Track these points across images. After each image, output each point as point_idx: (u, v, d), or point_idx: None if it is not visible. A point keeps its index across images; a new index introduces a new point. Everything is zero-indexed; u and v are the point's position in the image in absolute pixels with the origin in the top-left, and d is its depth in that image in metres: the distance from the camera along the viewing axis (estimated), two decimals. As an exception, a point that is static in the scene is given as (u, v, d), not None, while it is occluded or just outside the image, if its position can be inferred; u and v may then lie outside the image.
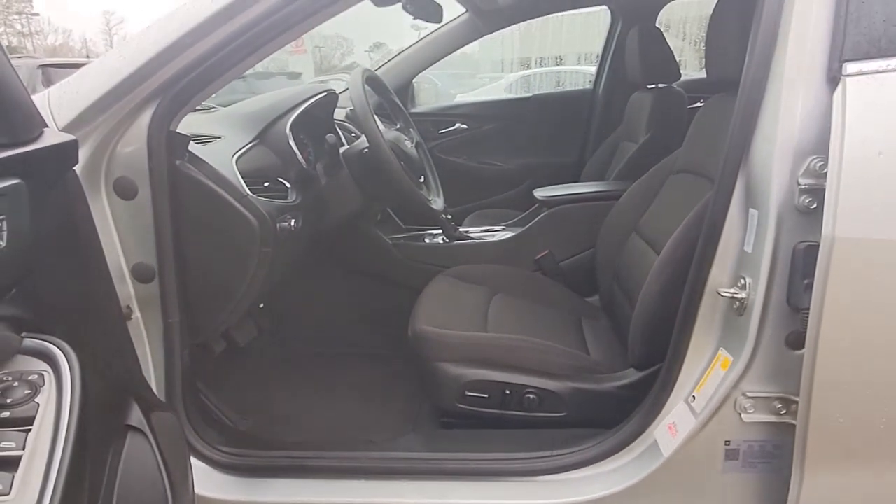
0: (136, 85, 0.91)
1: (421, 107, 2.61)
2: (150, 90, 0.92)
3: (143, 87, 0.92)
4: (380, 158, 1.19)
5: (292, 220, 1.12)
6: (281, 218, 1.09)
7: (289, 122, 1.23)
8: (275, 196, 1.13)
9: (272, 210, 1.06)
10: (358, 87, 1.22)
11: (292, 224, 1.12)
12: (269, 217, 1.02)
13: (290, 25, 0.95)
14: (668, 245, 1.08)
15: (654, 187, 1.47)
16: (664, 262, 1.07)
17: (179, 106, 0.96)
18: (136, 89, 0.91)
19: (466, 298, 1.45)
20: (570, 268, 1.70)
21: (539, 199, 1.71)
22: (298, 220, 1.16)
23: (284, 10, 0.93)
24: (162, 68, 0.92)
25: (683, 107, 1.87)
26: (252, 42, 0.94)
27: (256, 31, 0.93)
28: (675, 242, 1.07)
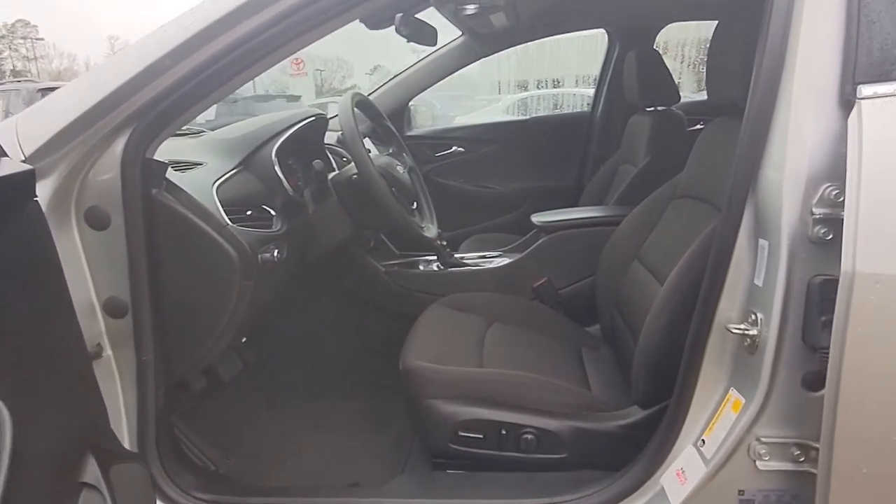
0: (108, 110, 0.86)
1: (417, 130, 2.58)
2: (123, 116, 0.88)
3: (117, 112, 0.87)
4: (369, 185, 1.14)
5: (275, 250, 1.06)
6: (263, 249, 1.03)
7: (274, 147, 1.18)
8: (258, 225, 1.08)
9: (254, 241, 1.00)
10: (347, 112, 1.17)
11: (275, 255, 1.06)
12: (249, 248, 0.97)
13: (272, 49, 0.91)
14: (673, 276, 1.03)
15: (655, 213, 1.42)
16: (669, 295, 1.02)
17: (156, 132, 0.91)
18: (109, 115, 0.87)
19: (462, 329, 1.39)
20: (569, 296, 1.64)
21: (537, 224, 1.66)
22: (283, 251, 1.10)
23: (267, 34, 0.88)
24: (137, 93, 0.87)
25: (683, 130, 1.83)
26: (233, 65, 0.90)
27: (238, 55, 0.89)
28: (679, 273, 1.01)
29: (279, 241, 1.10)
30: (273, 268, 1.05)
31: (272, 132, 1.21)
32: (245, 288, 0.97)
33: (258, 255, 1.00)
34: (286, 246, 1.12)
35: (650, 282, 1.28)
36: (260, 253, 1.01)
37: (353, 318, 1.70)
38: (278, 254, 1.06)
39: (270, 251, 1.05)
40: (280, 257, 1.07)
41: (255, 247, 1.00)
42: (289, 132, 1.24)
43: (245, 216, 1.06)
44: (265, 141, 1.18)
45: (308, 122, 1.32)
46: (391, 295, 1.65)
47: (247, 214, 1.06)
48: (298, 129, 1.28)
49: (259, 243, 1.02)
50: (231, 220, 0.99)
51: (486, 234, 2.34)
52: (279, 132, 1.22)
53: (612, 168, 2.17)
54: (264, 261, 1.01)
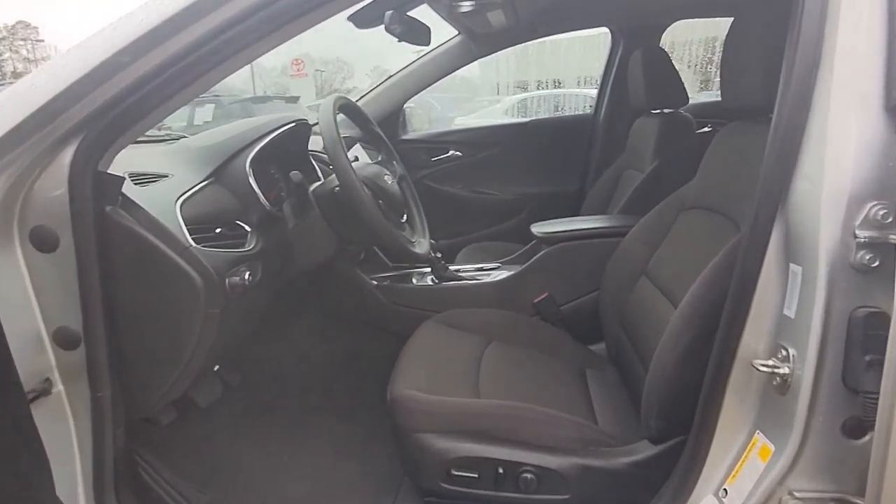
0: (52, 117, 0.76)
1: (412, 133, 2.48)
2: (71, 123, 0.78)
3: (63, 119, 0.77)
4: (352, 198, 1.04)
5: (247, 272, 0.96)
6: (232, 272, 0.93)
7: (249, 157, 1.08)
8: (229, 244, 0.98)
9: (221, 263, 0.90)
10: (328, 118, 1.07)
11: (246, 278, 0.96)
12: (215, 272, 0.86)
13: (240, 48, 0.81)
14: (688, 300, 0.92)
15: (664, 224, 1.31)
16: (683, 323, 0.91)
17: (109, 141, 0.81)
18: (54, 122, 0.77)
19: (456, 349, 1.29)
20: (571, 312, 1.54)
21: (537, 235, 1.56)
22: (256, 272, 1.00)
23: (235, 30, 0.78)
24: (86, 97, 0.77)
25: (692, 134, 1.73)
26: (196, 66, 0.80)
27: (201, 54, 0.79)
28: (695, 297, 0.91)
29: (252, 261, 1.00)
30: (244, 292, 0.95)
31: (247, 140, 1.10)
32: (211, 316, 0.87)
33: (225, 279, 0.90)
34: (260, 266, 1.02)
35: (659, 301, 1.18)
36: (228, 276, 0.91)
37: (341, 336, 1.60)
38: (250, 276, 0.96)
39: (240, 274, 0.95)
40: (252, 280, 0.97)
41: (223, 270, 0.90)
42: (265, 140, 1.13)
43: (214, 234, 0.95)
44: (239, 150, 1.08)
45: (288, 129, 1.21)
46: (382, 311, 1.55)
47: (216, 232, 0.95)
48: (277, 137, 1.17)
49: (227, 266, 0.92)
50: (196, 240, 0.89)
51: (484, 242, 2.24)
52: (255, 140, 1.11)
53: (616, 174, 2.07)
54: (233, 285, 0.91)
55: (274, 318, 1.44)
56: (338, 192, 1.14)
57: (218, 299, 0.87)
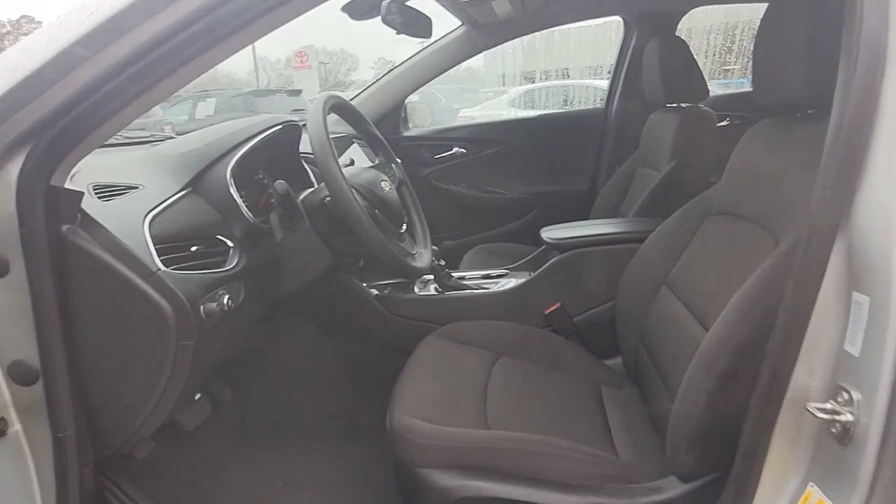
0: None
1: (415, 130, 2.37)
2: (16, 132, 0.68)
3: (6, 127, 0.67)
4: (343, 211, 0.93)
5: (226, 296, 0.86)
6: (209, 297, 0.83)
7: (230, 164, 0.97)
8: (207, 264, 0.87)
9: (195, 287, 0.80)
10: (317, 120, 0.96)
11: (226, 302, 0.85)
12: (187, 299, 0.76)
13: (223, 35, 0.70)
14: (722, 323, 0.82)
15: (687, 231, 1.21)
16: (717, 349, 0.80)
17: (62, 152, 0.71)
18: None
19: (462, 368, 1.19)
20: (585, 324, 1.44)
21: (547, 241, 1.45)
22: (238, 294, 0.90)
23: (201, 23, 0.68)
24: (32, 101, 0.67)
25: (713, 130, 1.61)
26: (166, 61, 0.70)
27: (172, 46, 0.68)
28: (731, 321, 0.80)
29: (234, 282, 0.90)
30: (223, 318, 0.85)
31: (228, 145, 1.00)
32: (184, 348, 0.77)
33: (200, 305, 0.80)
34: (243, 287, 0.92)
35: (684, 316, 1.08)
36: (203, 303, 0.81)
37: (338, 349, 1.50)
38: (230, 301, 0.86)
39: (218, 299, 0.84)
40: (233, 304, 0.86)
41: (197, 295, 0.79)
42: (249, 144, 1.02)
43: (189, 254, 0.85)
44: (219, 156, 0.98)
45: (274, 132, 1.11)
46: (382, 323, 1.45)
47: (191, 251, 0.85)
48: (264, 140, 1.07)
49: (202, 290, 0.81)
50: (168, 261, 0.79)
51: (490, 244, 2.13)
52: (237, 145, 1.01)
53: (629, 172, 1.96)
54: (209, 312, 0.81)
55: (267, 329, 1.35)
56: (329, 203, 1.04)
57: (191, 329, 0.77)
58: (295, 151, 1.23)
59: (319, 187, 1.10)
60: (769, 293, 0.75)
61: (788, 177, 0.92)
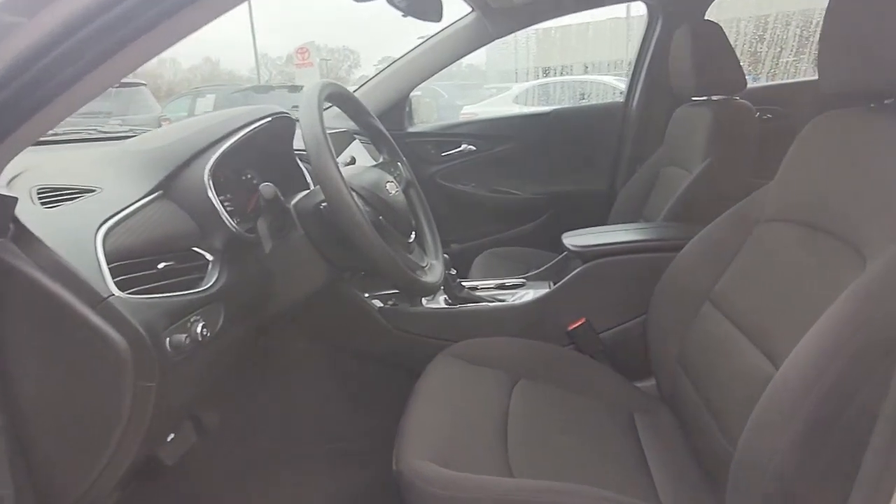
0: None
1: (420, 126, 2.22)
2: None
3: None
4: (343, 219, 0.79)
5: (199, 323, 0.71)
6: (177, 326, 0.68)
7: (209, 162, 0.82)
8: (178, 283, 0.72)
9: (159, 316, 0.65)
10: (311, 109, 0.81)
11: (199, 331, 0.70)
12: (147, 331, 0.62)
13: None
14: (802, 362, 0.67)
15: (733, 240, 1.06)
16: (799, 391, 0.66)
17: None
18: None
19: (479, 394, 1.06)
20: (612, 341, 1.29)
21: (570, 248, 1.30)
22: (216, 318, 0.75)
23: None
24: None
25: (753, 125, 1.46)
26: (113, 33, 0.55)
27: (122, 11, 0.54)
28: (814, 359, 0.65)
29: (211, 304, 0.75)
30: (195, 350, 0.70)
31: (207, 141, 0.84)
32: (144, 391, 0.62)
33: (164, 338, 0.65)
34: (223, 309, 0.77)
35: (735, 338, 0.93)
36: (170, 333, 0.66)
37: (339, 368, 1.35)
38: (205, 329, 0.71)
39: (189, 327, 0.69)
40: (208, 332, 0.71)
41: (160, 325, 0.65)
42: (231, 141, 0.87)
43: (156, 272, 0.70)
44: (196, 153, 0.82)
45: (263, 125, 0.95)
46: (387, 339, 1.30)
47: (158, 269, 0.70)
48: (250, 135, 0.91)
49: (169, 317, 0.66)
50: (126, 283, 0.64)
51: (501, 248, 1.99)
52: (217, 141, 0.85)
53: (653, 171, 1.81)
54: (177, 345, 0.66)
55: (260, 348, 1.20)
56: (325, 209, 0.89)
57: (152, 368, 0.63)
58: (288, 148, 1.08)
59: (314, 190, 0.95)
60: (863, 326, 0.60)
61: (872, 179, 0.78)
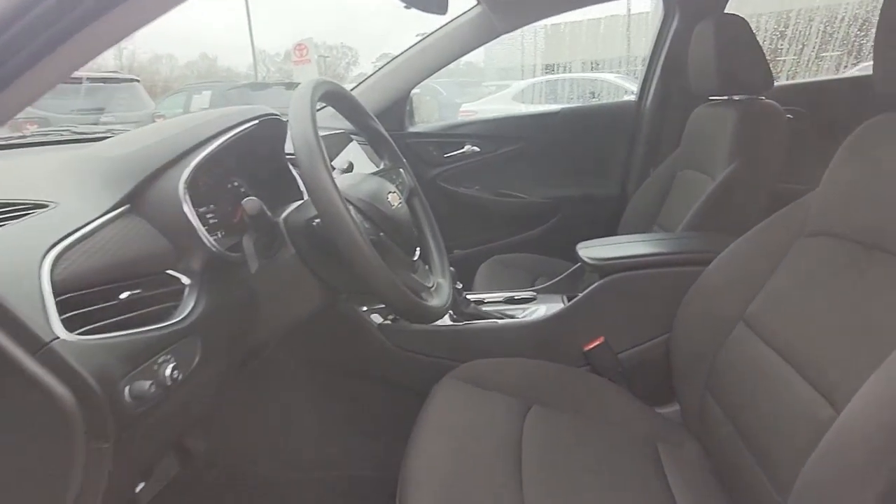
0: None
1: (422, 125, 2.11)
2: None
3: None
4: (336, 235, 0.68)
5: (169, 365, 0.60)
6: (141, 371, 0.57)
7: (185, 172, 0.71)
8: (146, 316, 0.61)
9: (117, 360, 0.54)
10: (303, 111, 0.70)
11: (170, 374, 0.59)
12: (99, 382, 0.51)
13: None
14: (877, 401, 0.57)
15: (770, 254, 0.96)
16: (881, 443, 0.56)
17: None
18: None
19: (489, 423, 0.96)
20: (633, 363, 1.19)
21: (587, 261, 1.19)
22: (192, 355, 0.65)
23: None
24: None
25: (782, 127, 1.36)
26: None
27: None
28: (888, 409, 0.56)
29: (186, 339, 0.64)
30: (163, 398, 0.59)
31: (183, 147, 0.73)
32: (98, 453, 0.52)
33: (123, 387, 0.54)
34: (200, 343, 0.66)
35: (776, 366, 0.84)
36: (130, 381, 0.55)
37: (335, 390, 1.25)
38: (176, 370, 0.60)
39: (156, 372, 0.58)
40: (180, 374, 0.61)
41: (120, 371, 0.54)
42: (211, 147, 0.76)
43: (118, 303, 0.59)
44: (170, 161, 0.71)
45: (249, 129, 0.84)
46: (387, 359, 1.20)
47: (120, 299, 0.60)
48: (235, 140, 0.81)
49: (130, 361, 0.56)
50: (78, 321, 0.54)
51: (506, 255, 1.89)
52: (195, 147, 0.74)
53: (668, 174, 1.71)
54: (139, 395, 0.55)
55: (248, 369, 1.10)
56: (317, 225, 0.79)
57: (106, 425, 0.52)
58: (279, 153, 0.98)
59: (306, 202, 0.84)
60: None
61: None
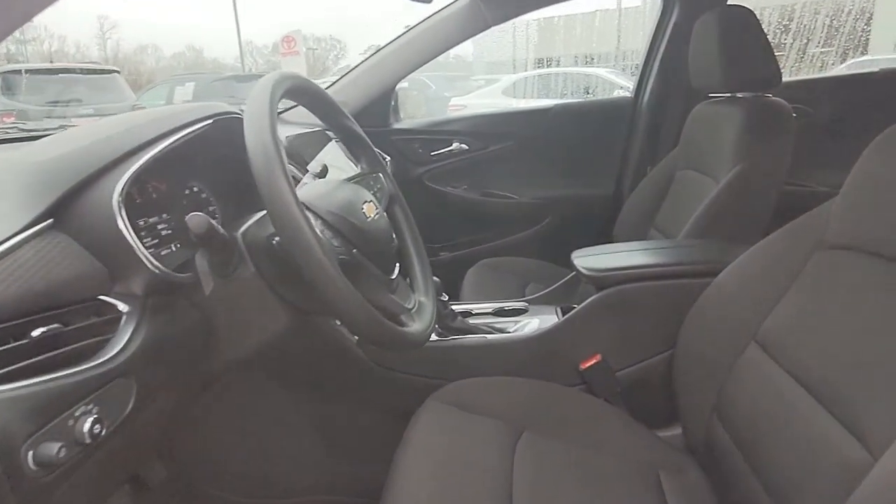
0: None
1: (407, 122, 2.01)
2: None
3: None
4: (299, 261, 0.58)
5: (90, 418, 0.49)
6: (49, 430, 0.46)
7: (121, 181, 0.60)
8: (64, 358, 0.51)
9: (17, 419, 0.42)
10: (260, 111, 0.60)
11: (89, 429, 0.49)
12: None
13: None
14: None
15: (785, 268, 0.88)
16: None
17: None
18: None
19: (477, 453, 0.88)
20: (632, 382, 1.10)
21: (584, 273, 1.10)
22: (125, 400, 0.54)
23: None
24: None
25: (790, 127, 1.27)
26: None
27: None
28: None
29: (115, 382, 0.54)
30: (81, 461, 0.49)
31: (122, 149, 0.62)
32: None
33: (27, 452, 0.44)
34: (134, 385, 0.56)
35: (795, 394, 0.76)
36: (34, 445, 0.45)
37: (310, 413, 1.15)
38: (98, 424, 0.49)
39: (70, 429, 0.47)
40: (103, 430, 0.50)
41: (22, 431, 0.43)
42: (154, 150, 0.65)
43: (28, 343, 0.49)
44: (103, 167, 0.61)
45: (201, 130, 0.73)
46: (366, 378, 1.10)
47: (32, 337, 0.49)
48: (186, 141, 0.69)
49: (35, 418, 0.45)
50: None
51: (495, 258, 1.80)
52: (135, 150, 0.64)
53: (666, 175, 1.63)
54: (45, 462, 0.44)
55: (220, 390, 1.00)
56: (277, 244, 0.68)
57: (7, 501, 0.42)
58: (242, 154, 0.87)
59: (264, 218, 0.74)
60: None
61: None
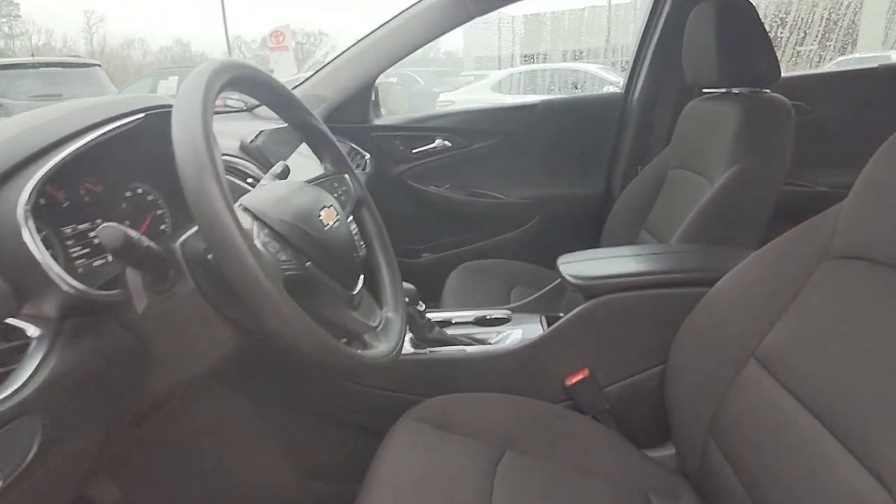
0: None
1: (388, 117, 1.93)
2: None
3: None
4: (231, 276, 0.49)
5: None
6: None
7: (28, 186, 0.51)
8: None
9: None
10: (192, 105, 0.51)
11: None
12: None
13: None
14: None
15: (788, 278, 0.80)
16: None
17: None
18: None
19: (455, 476, 0.81)
20: (621, 398, 1.03)
21: (570, 281, 1.03)
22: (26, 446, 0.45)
23: None
24: None
25: (790, 125, 1.20)
26: None
27: None
28: None
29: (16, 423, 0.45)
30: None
31: (27, 150, 0.53)
32: None
33: None
34: (40, 424, 0.47)
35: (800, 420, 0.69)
36: None
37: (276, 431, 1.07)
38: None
39: None
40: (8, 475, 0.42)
41: None
42: (69, 150, 0.56)
43: None
44: (10, 169, 0.52)
45: (132, 124, 0.64)
46: (337, 395, 1.02)
47: None
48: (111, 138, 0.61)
49: None
50: None
51: (479, 261, 1.72)
52: (47, 149, 0.55)
53: (658, 174, 1.56)
54: None
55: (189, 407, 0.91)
56: (213, 259, 0.60)
57: None
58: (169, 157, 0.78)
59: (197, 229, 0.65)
60: None
61: None
